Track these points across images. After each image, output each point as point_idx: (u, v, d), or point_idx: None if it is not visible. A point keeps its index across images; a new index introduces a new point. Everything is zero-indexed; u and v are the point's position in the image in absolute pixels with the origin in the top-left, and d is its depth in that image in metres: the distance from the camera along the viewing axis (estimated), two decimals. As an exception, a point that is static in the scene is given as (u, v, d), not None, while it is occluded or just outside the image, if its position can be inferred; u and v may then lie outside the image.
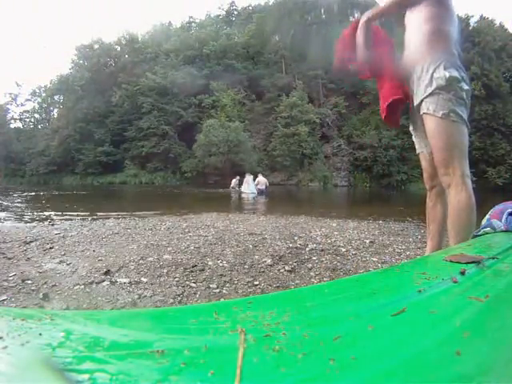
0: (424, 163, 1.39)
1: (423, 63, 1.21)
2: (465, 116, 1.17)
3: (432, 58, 1.20)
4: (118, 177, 27.50)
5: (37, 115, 38.94)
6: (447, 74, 1.15)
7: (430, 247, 1.41)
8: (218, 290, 1.49)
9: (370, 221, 4.33)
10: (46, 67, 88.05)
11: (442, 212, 1.34)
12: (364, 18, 1.33)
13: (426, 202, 1.43)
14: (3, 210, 5.86)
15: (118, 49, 35.89)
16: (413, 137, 1.44)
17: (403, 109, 1.44)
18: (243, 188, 10.95)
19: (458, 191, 1.14)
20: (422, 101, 1.21)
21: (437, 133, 1.18)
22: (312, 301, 0.49)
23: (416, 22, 1.28)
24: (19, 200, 8.81)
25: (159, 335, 0.36)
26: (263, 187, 10.69)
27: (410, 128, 1.43)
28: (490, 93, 23.57)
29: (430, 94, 1.18)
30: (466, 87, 1.18)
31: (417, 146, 1.42)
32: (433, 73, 1.18)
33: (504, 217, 1.20)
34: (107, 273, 1.69)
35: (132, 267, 1.80)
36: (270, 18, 31.61)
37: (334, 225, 3.72)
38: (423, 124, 1.26)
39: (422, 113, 1.23)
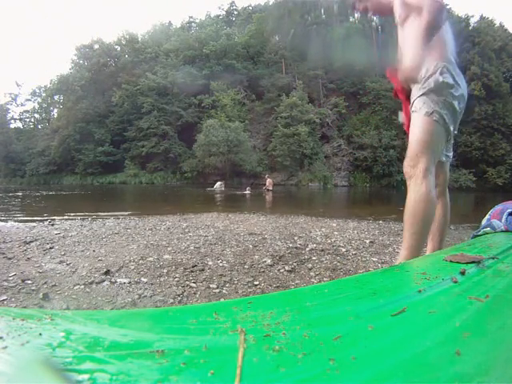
0: None
1: (421, 73, 1.23)
2: (448, 120, 1.18)
3: (429, 67, 1.21)
4: (118, 177, 27.48)
5: (37, 115, 38.92)
6: (440, 79, 1.17)
7: (430, 247, 1.41)
8: (218, 290, 1.49)
9: (370, 221, 4.33)
10: (46, 67, 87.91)
11: (442, 212, 1.35)
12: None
13: None
14: (3, 210, 5.86)
15: (118, 49, 35.83)
16: None
17: None
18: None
19: (418, 184, 1.15)
20: (413, 102, 1.23)
21: (415, 127, 1.20)
22: (312, 301, 0.49)
23: (412, 32, 1.29)
24: (19, 200, 8.81)
25: (159, 335, 0.36)
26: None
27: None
28: (490, 93, 23.53)
29: (421, 95, 1.20)
30: (458, 93, 1.19)
31: None
32: (428, 79, 1.19)
33: (504, 217, 1.20)
34: (107, 273, 1.69)
35: (132, 267, 1.80)
36: (270, 17, 31.58)
37: (334, 225, 3.72)
38: None
39: (411, 111, 1.24)
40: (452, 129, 1.21)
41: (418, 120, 1.19)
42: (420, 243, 1.14)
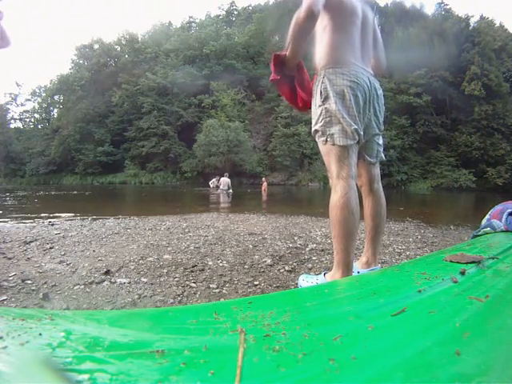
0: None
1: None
2: (338, 136, 1.20)
3: (320, 74, 1.27)
4: (118, 177, 27.49)
5: (37, 115, 38.90)
6: (319, 102, 1.23)
7: (366, 241, 1.47)
8: (217, 290, 1.49)
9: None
10: (46, 67, 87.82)
11: (370, 209, 1.39)
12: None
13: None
14: (3, 210, 5.86)
15: (118, 49, 35.83)
16: None
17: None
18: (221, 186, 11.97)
19: (333, 191, 1.24)
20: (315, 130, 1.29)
21: (321, 153, 1.32)
22: (312, 301, 0.49)
23: (317, 34, 1.31)
24: (19, 200, 8.81)
25: (159, 335, 0.36)
26: (225, 188, 11.30)
27: None
28: (490, 93, 23.49)
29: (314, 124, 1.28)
30: (347, 102, 1.20)
31: None
32: (317, 87, 1.27)
33: (504, 217, 1.20)
34: (107, 273, 1.69)
35: (132, 267, 1.80)
36: (270, 17, 31.58)
37: (334, 225, 3.72)
38: None
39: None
40: (352, 140, 1.22)
41: (319, 145, 1.31)
42: (341, 247, 1.18)
